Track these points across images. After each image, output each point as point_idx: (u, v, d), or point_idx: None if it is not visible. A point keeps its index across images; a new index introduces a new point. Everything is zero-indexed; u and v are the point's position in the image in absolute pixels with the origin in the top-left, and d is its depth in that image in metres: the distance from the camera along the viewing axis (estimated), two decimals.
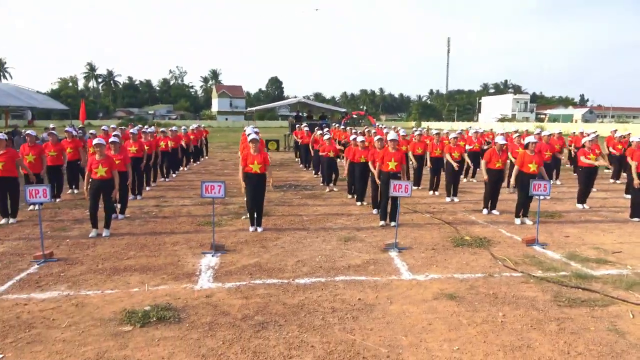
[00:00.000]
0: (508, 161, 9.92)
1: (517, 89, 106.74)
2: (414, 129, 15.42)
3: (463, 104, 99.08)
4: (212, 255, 6.64)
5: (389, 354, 4.00)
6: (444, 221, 8.82)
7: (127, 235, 7.73)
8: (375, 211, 9.33)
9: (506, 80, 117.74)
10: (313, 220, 8.92)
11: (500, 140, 9.34)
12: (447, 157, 10.74)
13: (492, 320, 4.65)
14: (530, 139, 8.78)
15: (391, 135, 8.72)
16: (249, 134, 8.78)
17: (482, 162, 9.44)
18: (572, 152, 15.72)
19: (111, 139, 8.64)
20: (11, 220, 8.50)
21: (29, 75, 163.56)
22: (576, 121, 65.02)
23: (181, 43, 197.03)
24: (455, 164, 10.53)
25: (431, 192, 11.81)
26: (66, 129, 12.05)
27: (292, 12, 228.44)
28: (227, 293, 5.31)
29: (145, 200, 10.91)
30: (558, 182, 13.58)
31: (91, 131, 14.41)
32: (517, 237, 7.70)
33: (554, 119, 70.64)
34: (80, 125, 19.17)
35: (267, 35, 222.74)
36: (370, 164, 8.92)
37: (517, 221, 8.69)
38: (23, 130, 19.36)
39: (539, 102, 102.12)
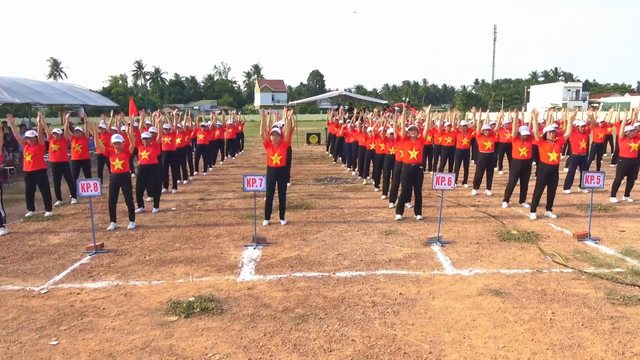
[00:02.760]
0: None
1: (569, 77, 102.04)
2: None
3: (510, 94, 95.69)
4: (254, 248, 6.73)
5: (431, 350, 3.92)
6: (489, 215, 8.56)
7: (173, 228, 7.96)
8: (391, 205, 9.17)
9: (556, 68, 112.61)
10: (354, 213, 8.87)
11: (523, 130, 8.93)
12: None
13: (540, 317, 4.47)
14: (549, 127, 8.33)
15: (411, 124, 8.41)
16: (273, 126, 8.75)
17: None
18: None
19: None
20: (47, 213, 8.98)
21: (82, 74, 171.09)
22: (634, 109, 61.37)
23: (225, 39, 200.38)
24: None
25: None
26: (100, 125, 12.49)
27: (334, 7, 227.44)
28: (268, 285, 5.37)
29: (190, 194, 11.21)
30: None
31: (123, 127, 14.61)
32: (568, 232, 7.37)
33: (609, 108, 67.10)
34: (128, 122, 19.88)
35: (309, 28, 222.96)
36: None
37: (533, 216, 8.27)
38: (77, 127, 20.25)
39: (592, 90, 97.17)
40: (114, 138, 8.05)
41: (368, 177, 12.17)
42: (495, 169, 13.54)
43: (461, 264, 5.99)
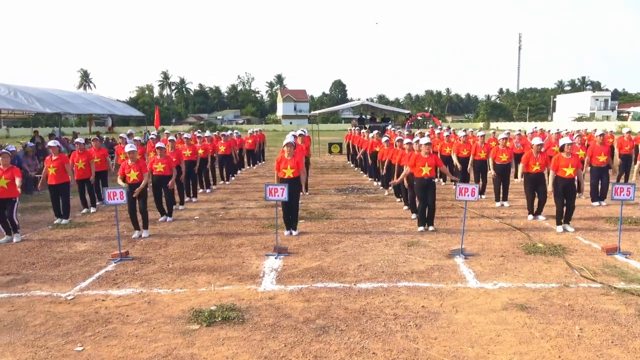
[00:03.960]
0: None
1: (596, 86, 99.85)
2: (466, 129, 14.86)
3: (536, 103, 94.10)
4: (275, 258, 6.75)
5: None
6: (514, 227, 8.40)
7: (195, 236, 8.05)
8: (414, 216, 9.05)
9: (584, 77, 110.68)
10: (375, 224, 8.82)
11: (536, 141, 8.75)
12: (490, 162, 10.29)
13: (567, 334, 4.35)
14: (565, 140, 8.14)
15: (425, 139, 8.37)
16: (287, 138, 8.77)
17: (520, 165, 8.95)
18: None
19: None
20: (64, 221, 9.25)
21: (111, 85, 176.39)
22: None
23: (249, 50, 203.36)
24: (493, 173, 10.18)
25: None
26: (120, 135, 12.83)
27: (356, 18, 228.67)
28: (289, 295, 5.36)
29: (212, 202, 11.32)
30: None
31: (151, 136, 14.97)
32: (596, 245, 7.17)
33: (639, 118, 65.24)
34: (154, 131, 20.34)
35: (331, 39, 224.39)
36: (405, 168, 8.73)
37: (559, 229, 8.05)
38: (104, 136, 20.78)
39: (622, 99, 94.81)
40: (128, 147, 8.22)
41: (390, 188, 12.10)
42: (516, 180, 13.28)
43: (485, 277, 5.88)
